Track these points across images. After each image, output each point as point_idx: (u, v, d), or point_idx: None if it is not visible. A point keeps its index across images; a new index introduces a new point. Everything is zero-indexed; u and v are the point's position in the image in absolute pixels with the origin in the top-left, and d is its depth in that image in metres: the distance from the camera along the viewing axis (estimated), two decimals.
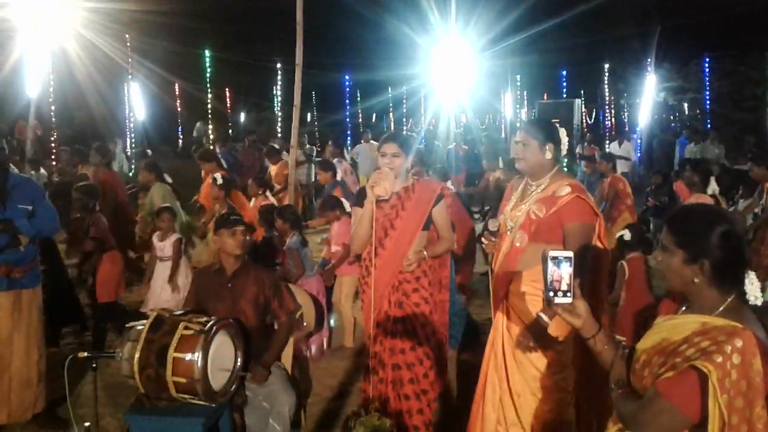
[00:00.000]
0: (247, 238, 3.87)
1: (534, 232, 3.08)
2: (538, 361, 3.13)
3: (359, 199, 3.79)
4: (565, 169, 3.25)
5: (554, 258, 1.94)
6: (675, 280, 1.91)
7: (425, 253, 3.73)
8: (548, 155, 3.15)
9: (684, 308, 1.96)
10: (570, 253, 1.95)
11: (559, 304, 1.96)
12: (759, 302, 1.86)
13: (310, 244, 5.97)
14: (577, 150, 14.41)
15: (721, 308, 1.83)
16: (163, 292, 5.69)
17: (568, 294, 1.95)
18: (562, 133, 3.22)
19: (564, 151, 3.25)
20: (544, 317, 2.94)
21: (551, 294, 1.95)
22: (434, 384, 3.80)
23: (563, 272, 1.94)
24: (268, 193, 7.72)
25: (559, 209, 3.04)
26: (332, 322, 5.99)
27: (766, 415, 1.73)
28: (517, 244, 3.13)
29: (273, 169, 10.17)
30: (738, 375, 1.68)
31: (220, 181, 6.48)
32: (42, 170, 10.05)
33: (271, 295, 3.79)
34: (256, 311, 3.75)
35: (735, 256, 1.85)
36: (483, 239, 3.35)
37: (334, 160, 9.62)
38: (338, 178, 8.10)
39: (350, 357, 5.63)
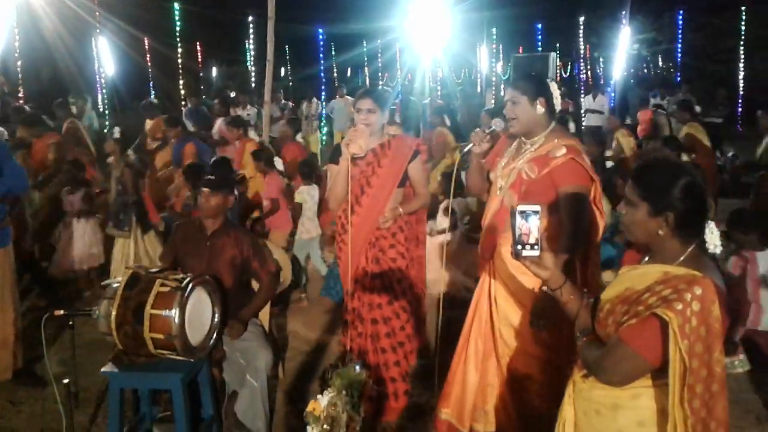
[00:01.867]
0: (217, 201, 3.78)
1: (524, 193, 2.98)
2: (521, 325, 3.07)
3: (334, 156, 3.76)
4: None
5: (522, 212, 1.98)
6: (639, 233, 1.96)
7: (401, 209, 3.74)
8: (540, 110, 3.00)
9: (647, 258, 2.02)
10: (538, 207, 1.98)
11: (527, 256, 2.01)
12: (718, 251, 1.93)
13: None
14: None
15: (682, 257, 1.89)
16: None
17: (536, 247, 1.99)
18: (553, 86, 3.08)
19: (557, 106, 3.09)
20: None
21: (519, 247, 1.99)
22: (411, 337, 3.86)
23: (531, 225, 1.97)
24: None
25: (552, 170, 2.92)
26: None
27: (723, 359, 1.81)
28: (507, 204, 3.02)
29: (148, 124, 9.56)
30: (698, 321, 1.74)
31: (117, 135, 6.38)
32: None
33: (251, 256, 3.80)
34: (232, 272, 3.77)
35: (697, 207, 1.91)
36: (473, 135, 3.18)
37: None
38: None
39: (327, 311, 5.70)
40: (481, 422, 3.28)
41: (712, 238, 1.92)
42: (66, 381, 3.22)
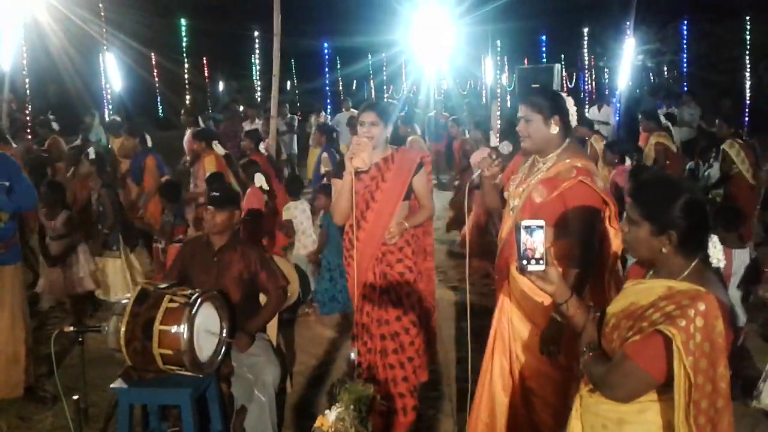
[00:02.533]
0: (222, 218, 3.78)
1: (533, 216, 2.79)
2: (535, 344, 2.97)
3: (339, 170, 3.75)
4: None
5: (527, 227, 2.00)
6: (643, 251, 1.98)
7: (406, 224, 3.71)
8: (554, 129, 2.88)
9: (651, 272, 2.03)
10: (542, 222, 2.00)
11: (532, 271, 2.02)
12: (721, 265, 1.94)
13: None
14: None
15: (686, 272, 1.91)
16: None
17: (541, 261, 2.01)
18: (569, 102, 2.97)
19: (573, 122, 2.98)
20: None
21: (524, 262, 2.01)
22: (420, 351, 3.81)
23: (536, 240, 1.99)
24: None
25: (561, 193, 2.83)
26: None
27: (728, 373, 1.82)
28: None
29: (115, 143, 9.50)
30: (702, 337, 1.75)
31: (92, 155, 6.32)
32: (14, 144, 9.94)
33: (259, 270, 3.81)
34: (240, 287, 3.78)
35: (699, 223, 1.92)
36: (485, 161, 3.07)
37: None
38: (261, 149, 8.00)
39: (335, 326, 5.71)
40: None
41: (715, 252, 1.93)
42: (76, 397, 3.24)
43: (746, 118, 17.16)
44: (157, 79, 18.71)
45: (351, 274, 3.80)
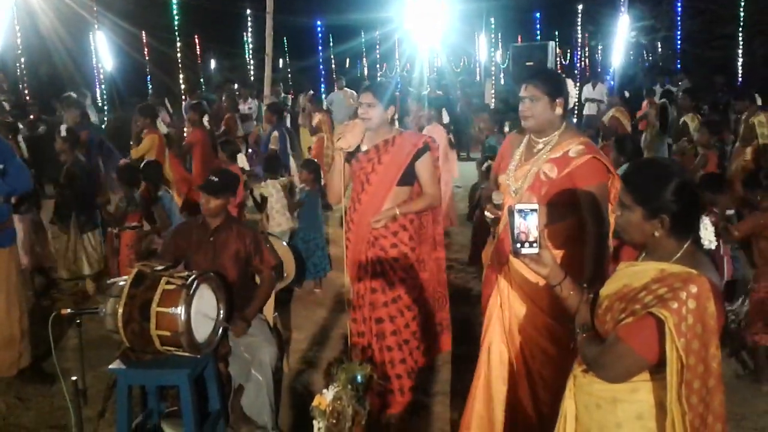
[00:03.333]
0: (217, 202, 3.81)
1: (545, 194, 2.89)
2: (536, 326, 3.01)
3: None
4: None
5: (521, 210, 2.01)
6: (635, 235, 2.00)
7: (397, 210, 3.63)
8: (558, 111, 2.92)
9: (644, 254, 2.05)
10: (536, 205, 2.02)
11: (526, 254, 2.04)
12: (713, 246, 1.96)
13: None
14: None
15: (678, 255, 1.93)
16: None
17: (534, 245, 2.03)
18: (570, 84, 3.00)
19: (571, 104, 3.03)
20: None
21: (518, 245, 2.03)
22: (417, 334, 3.79)
23: (530, 224, 2.01)
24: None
25: (572, 170, 2.84)
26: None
27: (720, 354, 1.85)
28: None
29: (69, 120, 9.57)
30: (694, 319, 1.78)
31: (63, 133, 6.24)
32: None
33: (253, 251, 3.84)
34: (236, 266, 3.81)
35: (691, 206, 1.94)
36: (487, 213, 3.12)
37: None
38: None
39: (331, 306, 5.75)
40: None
41: (707, 234, 1.95)
42: (74, 378, 3.26)
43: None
44: (147, 58, 18.54)
45: (348, 256, 3.81)
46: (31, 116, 9.25)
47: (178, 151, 7.72)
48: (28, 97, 10.91)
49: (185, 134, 8.74)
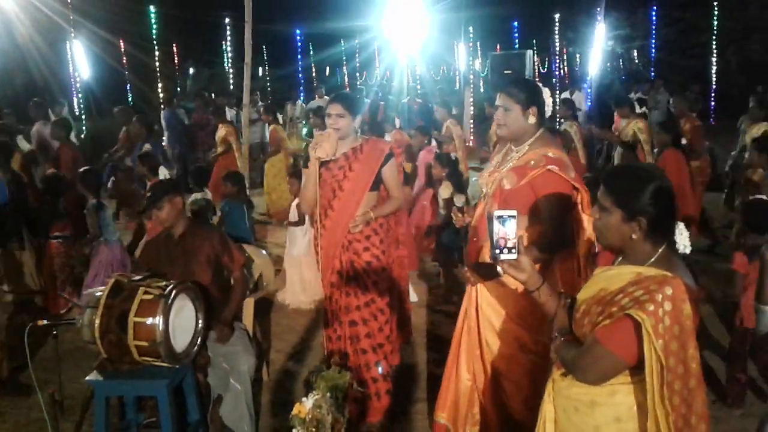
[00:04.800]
0: (170, 208, 3.74)
1: (503, 202, 2.93)
2: (505, 330, 3.06)
3: (307, 161, 3.82)
4: None
5: (499, 217, 2.03)
6: (613, 237, 2.02)
7: (372, 214, 3.75)
8: (531, 120, 2.95)
9: (620, 259, 2.08)
10: (514, 212, 2.04)
11: (504, 260, 2.06)
12: (687, 251, 1.99)
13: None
14: None
15: (654, 258, 1.95)
16: None
17: (513, 251, 2.05)
18: (546, 93, 3.04)
19: (548, 113, 3.05)
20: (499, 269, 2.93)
21: (497, 251, 2.05)
22: (391, 337, 3.89)
23: (508, 230, 2.03)
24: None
25: (531, 181, 2.88)
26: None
27: (698, 354, 1.88)
28: (488, 212, 2.91)
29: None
30: (670, 320, 1.80)
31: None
32: None
33: (221, 250, 3.83)
34: (209, 270, 3.78)
35: (667, 210, 1.97)
36: (453, 215, 3.29)
37: None
38: None
39: (310, 313, 5.73)
40: (473, 426, 3.26)
41: (682, 238, 1.98)
42: (51, 390, 3.23)
43: (713, 102, 17.43)
44: (126, 67, 18.43)
45: (320, 262, 3.88)
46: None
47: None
48: (1, 107, 10.77)
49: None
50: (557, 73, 21.87)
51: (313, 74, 24.82)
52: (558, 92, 15.89)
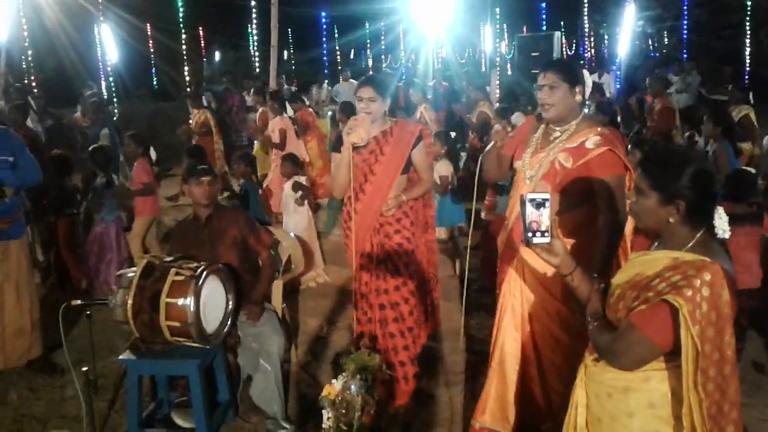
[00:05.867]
0: (215, 186, 3.84)
1: (559, 183, 2.89)
2: (550, 313, 3.03)
3: (337, 144, 3.79)
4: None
5: (532, 200, 2.00)
6: (650, 221, 1.99)
7: (404, 197, 3.76)
8: (578, 98, 2.94)
9: (656, 244, 2.05)
10: (547, 195, 2.01)
11: (537, 244, 2.04)
12: (727, 236, 1.95)
13: None
14: None
15: (691, 243, 1.92)
16: None
17: (546, 234, 2.02)
18: (585, 74, 3.01)
19: (587, 93, 3.08)
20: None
21: (530, 235, 2.03)
22: (419, 321, 3.88)
23: (542, 213, 2.00)
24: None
25: (588, 161, 2.84)
26: None
27: (734, 341, 1.85)
28: None
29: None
30: (708, 306, 1.77)
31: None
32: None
33: (248, 232, 3.85)
34: (237, 251, 3.81)
35: (707, 194, 1.93)
36: (499, 134, 3.16)
37: None
38: None
39: (337, 295, 5.76)
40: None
41: (721, 223, 1.94)
42: (85, 369, 3.29)
43: (746, 84, 17.02)
44: (152, 50, 18.54)
45: (350, 246, 3.87)
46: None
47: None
48: (35, 90, 10.92)
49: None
50: (586, 55, 21.55)
51: (338, 57, 24.75)
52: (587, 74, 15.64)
